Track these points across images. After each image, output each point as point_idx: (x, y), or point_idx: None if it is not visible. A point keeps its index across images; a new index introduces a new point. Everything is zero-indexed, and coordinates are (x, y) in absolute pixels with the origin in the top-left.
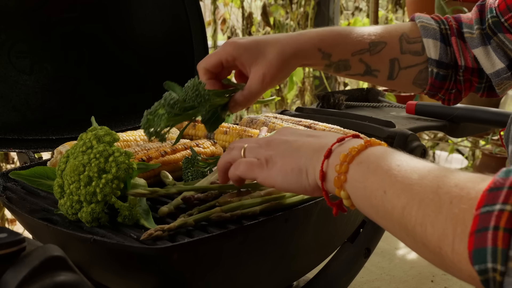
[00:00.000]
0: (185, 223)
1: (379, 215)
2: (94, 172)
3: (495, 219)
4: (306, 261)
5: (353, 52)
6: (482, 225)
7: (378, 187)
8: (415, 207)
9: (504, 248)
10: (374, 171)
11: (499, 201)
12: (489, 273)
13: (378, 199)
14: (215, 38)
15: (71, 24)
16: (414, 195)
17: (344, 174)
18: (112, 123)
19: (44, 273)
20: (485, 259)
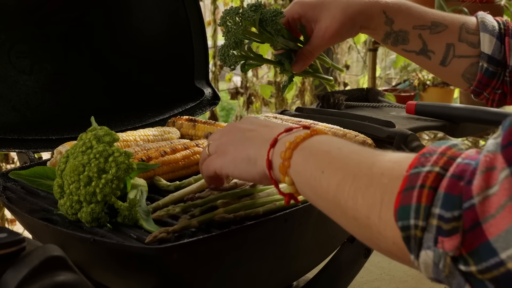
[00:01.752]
0: (189, 224)
1: (317, 196)
2: (94, 172)
3: (422, 179)
4: (306, 261)
5: (415, 25)
6: (410, 185)
7: (317, 168)
8: (349, 182)
9: (427, 205)
10: (315, 154)
11: (428, 164)
12: (411, 230)
13: (317, 180)
14: (215, 38)
15: (71, 24)
16: (349, 171)
17: (288, 160)
18: (112, 123)
19: (44, 273)
20: (408, 215)
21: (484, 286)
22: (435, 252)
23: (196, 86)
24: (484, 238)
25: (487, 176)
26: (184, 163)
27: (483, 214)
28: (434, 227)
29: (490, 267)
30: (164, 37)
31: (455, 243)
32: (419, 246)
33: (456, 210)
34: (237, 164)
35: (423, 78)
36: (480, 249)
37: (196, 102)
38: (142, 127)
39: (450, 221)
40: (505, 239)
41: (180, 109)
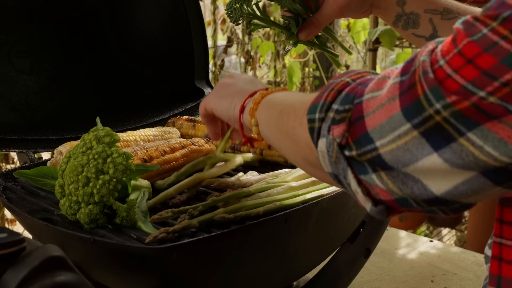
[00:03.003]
0: (189, 224)
1: (269, 127)
2: (92, 173)
3: (334, 84)
4: (306, 261)
5: (426, 9)
6: (325, 90)
7: (273, 105)
8: (289, 106)
9: (330, 101)
10: (276, 98)
11: (344, 76)
12: (315, 122)
13: (271, 112)
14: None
15: (71, 24)
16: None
17: (257, 104)
18: (112, 123)
19: (44, 273)
20: (315, 110)
21: (362, 167)
22: (327, 139)
23: (196, 86)
24: (364, 129)
25: (380, 81)
26: (183, 161)
27: (367, 109)
28: (330, 118)
29: (367, 151)
30: (164, 37)
31: (341, 130)
32: (318, 135)
33: (348, 104)
34: (221, 103)
35: None
36: (361, 137)
37: (196, 102)
38: (142, 127)
39: (341, 113)
40: (379, 131)
41: (180, 109)
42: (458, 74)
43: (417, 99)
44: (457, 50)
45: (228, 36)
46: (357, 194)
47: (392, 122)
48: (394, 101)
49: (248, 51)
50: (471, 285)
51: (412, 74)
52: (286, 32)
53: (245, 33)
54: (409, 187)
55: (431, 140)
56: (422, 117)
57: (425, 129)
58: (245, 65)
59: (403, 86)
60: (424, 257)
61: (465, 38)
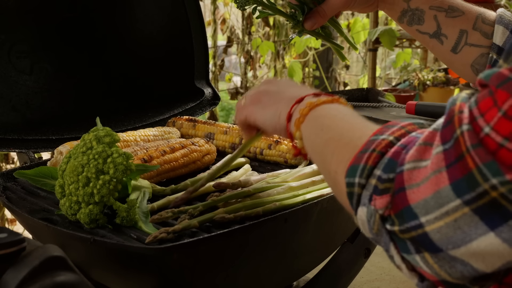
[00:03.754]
0: (189, 224)
1: (313, 150)
2: (92, 173)
3: (376, 144)
4: (306, 261)
5: (432, 6)
6: (366, 148)
7: (320, 126)
8: (335, 140)
9: (371, 166)
10: (324, 115)
11: (386, 133)
12: (355, 187)
13: (316, 135)
14: (215, 38)
15: (71, 24)
16: (340, 131)
17: (304, 116)
18: (112, 123)
19: (44, 273)
20: (355, 173)
21: (404, 245)
22: (368, 209)
23: (196, 86)
24: (407, 203)
25: (422, 149)
26: (183, 161)
27: (409, 181)
28: (372, 186)
29: (410, 228)
30: (164, 37)
31: (384, 202)
32: (358, 203)
33: (392, 173)
34: (265, 113)
35: (423, 78)
36: (403, 211)
37: (196, 102)
38: (142, 127)
39: (384, 182)
40: (424, 206)
41: (180, 109)
42: (511, 142)
43: (468, 173)
44: (502, 113)
45: (228, 36)
46: (401, 269)
47: (439, 198)
48: (441, 173)
49: (248, 51)
50: None
51: (456, 143)
52: (292, 21)
53: (245, 33)
54: (458, 270)
55: (486, 217)
56: (475, 193)
57: (478, 206)
58: (245, 65)
59: (450, 157)
60: None
61: (508, 97)
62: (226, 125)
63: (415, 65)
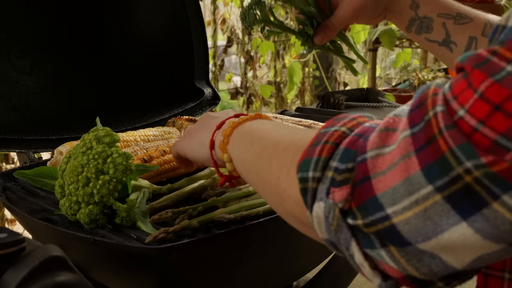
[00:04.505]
0: (189, 224)
1: (245, 168)
2: (92, 173)
3: (328, 136)
4: (306, 261)
5: (440, 13)
6: (316, 141)
7: (249, 141)
8: (270, 148)
9: (326, 157)
10: (251, 131)
11: (337, 125)
12: (309, 182)
13: (246, 151)
14: (215, 38)
15: (71, 24)
16: (273, 140)
17: (228, 137)
18: (112, 123)
19: (44, 273)
20: (308, 167)
21: (368, 240)
22: (326, 203)
23: (196, 86)
24: (372, 193)
25: (384, 135)
26: None
27: (374, 169)
28: (328, 178)
29: (375, 221)
30: (164, 37)
31: (344, 193)
32: (313, 198)
33: (350, 162)
34: (192, 145)
35: (423, 78)
36: (367, 203)
37: (196, 102)
38: (142, 127)
39: (343, 172)
40: (392, 195)
41: (180, 109)
42: (486, 126)
43: (441, 156)
44: (478, 95)
45: (228, 36)
46: (362, 268)
47: (409, 185)
48: (410, 158)
49: (248, 51)
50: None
51: (427, 125)
52: (301, 37)
53: (245, 33)
54: (426, 264)
55: (458, 206)
56: (448, 177)
57: (451, 192)
58: (245, 65)
59: (419, 140)
60: None
61: (484, 78)
62: None
63: (415, 65)
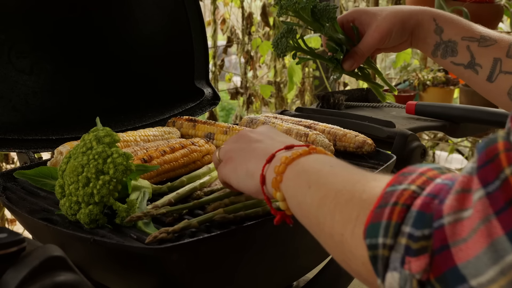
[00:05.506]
0: (189, 225)
1: (302, 212)
2: (92, 173)
3: (396, 196)
4: (306, 261)
5: (464, 37)
6: (384, 202)
7: (306, 183)
8: (330, 197)
9: (397, 222)
10: (307, 170)
11: (405, 182)
12: (379, 249)
13: (303, 195)
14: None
15: (71, 24)
16: (333, 187)
17: (281, 175)
18: (112, 123)
19: (44, 273)
20: (377, 233)
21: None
22: (401, 274)
23: (196, 86)
24: (452, 263)
25: (461, 197)
26: (183, 161)
27: (453, 236)
28: (402, 246)
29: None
30: (164, 37)
31: (422, 264)
32: (386, 267)
33: (426, 228)
34: (238, 174)
35: (423, 78)
36: (447, 274)
37: (196, 102)
38: (142, 127)
39: (419, 240)
40: (475, 266)
41: (180, 109)
42: None
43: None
44: None
45: (228, 36)
46: None
47: (493, 252)
48: (490, 222)
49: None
50: None
51: (505, 184)
52: (331, 64)
53: (245, 33)
54: None
55: None
56: None
57: None
58: (245, 65)
59: (498, 201)
60: None
61: None
62: (226, 125)
63: (415, 65)
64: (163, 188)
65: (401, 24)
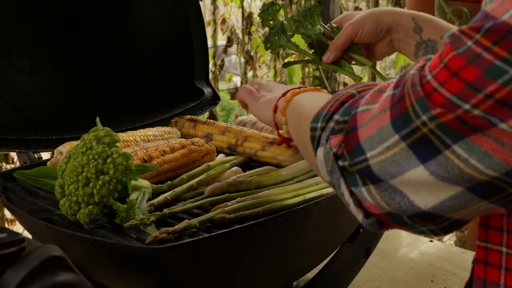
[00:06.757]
0: (189, 225)
1: (293, 127)
2: (92, 173)
3: (340, 96)
4: (306, 261)
5: (443, 35)
6: (330, 100)
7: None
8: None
9: (332, 112)
10: (305, 97)
11: (351, 88)
12: (317, 131)
13: (294, 117)
14: (215, 38)
15: (71, 24)
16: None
17: (288, 102)
18: (112, 123)
19: (44, 273)
20: (318, 119)
21: (353, 179)
22: (325, 148)
23: (196, 86)
24: (357, 140)
25: (375, 95)
26: (183, 161)
27: (361, 121)
28: (329, 128)
29: (357, 162)
30: (164, 37)
31: (337, 140)
32: (318, 144)
33: (347, 116)
34: (260, 109)
35: None
36: (354, 148)
37: (196, 102)
38: (142, 127)
39: (340, 123)
40: (370, 142)
41: (180, 109)
42: (443, 87)
43: (405, 110)
44: (443, 64)
45: (228, 36)
46: (349, 205)
47: (382, 134)
48: (385, 113)
49: (248, 51)
50: None
51: (402, 87)
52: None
53: (245, 33)
54: (396, 201)
55: (418, 152)
56: (409, 128)
57: (412, 141)
58: (245, 65)
59: (394, 98)
60: (424, 257)
61: (450, 51)
62: (224, 126)
63: None
64: (163, 187)
65: (376, 17)
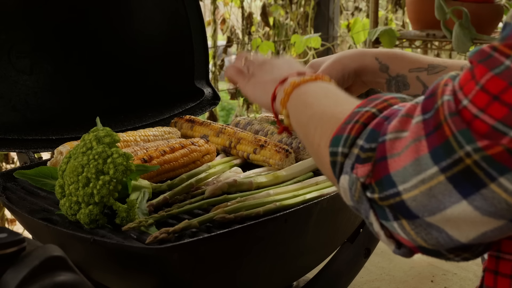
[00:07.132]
0: (189, 225)
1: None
2: (92, 173)
3: (359, 115)
4: (306, 261)
5: (411, 69)
6: (349, 119)
7: (304, 103)
8: (317, 115)
9: (354, 136)
10: (307, 92)
11: (369, 105)
12: (338, 156)
13: (300, 112)
14: (215, 38)
15: (71, 24)
16: (321, 107)
17: (288, 95)
18: (112, 123)
19: (44, 273)
20: (338, 143)
21: (383, 212)
22: (350, 177)
23: (196, 86)
24: (387, 171)
25: (404, 120)
26: (183, 161)
27: (391, 150)
28: (354, 155)
29: (389, 196)
30: (164, 37)
31: (366, 170)
32: (340, 171)
33: (373, 143)
34: (255, 91)
35: None
36: (383, 180)
37: (196, 102)
38: (142, 127)
39: (367, 151)
40: (403, 174)
41: (180, 109)
42: (485, 113)
43: (445, 140)
44: (480, 87)
45: (228, 36)
46: (379, 236)
47: (418, 165)
48: (420, 142)
49: (248, 51)
50: (471, 285)
51: (436, 113)
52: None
53: (245, 33)
54: (434, 237)
55: (459, 186)
56: (451, 159)
57: (453, 173)
58: None
59: (429, 126)
60: (424, 257)
61: (486, 72)
62: (220, 127)
63: None
64: (163, 186)
65: (341, 66)
